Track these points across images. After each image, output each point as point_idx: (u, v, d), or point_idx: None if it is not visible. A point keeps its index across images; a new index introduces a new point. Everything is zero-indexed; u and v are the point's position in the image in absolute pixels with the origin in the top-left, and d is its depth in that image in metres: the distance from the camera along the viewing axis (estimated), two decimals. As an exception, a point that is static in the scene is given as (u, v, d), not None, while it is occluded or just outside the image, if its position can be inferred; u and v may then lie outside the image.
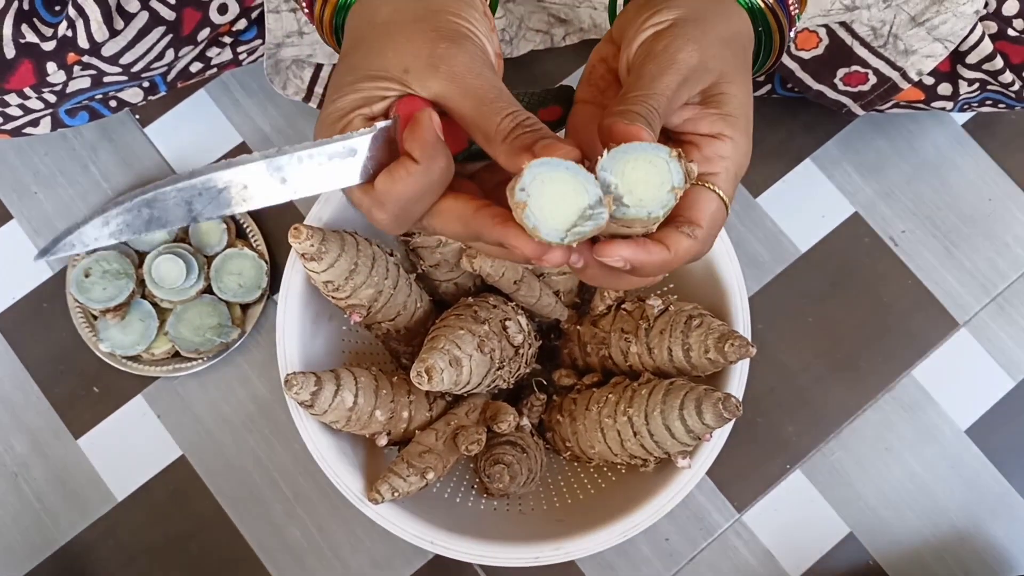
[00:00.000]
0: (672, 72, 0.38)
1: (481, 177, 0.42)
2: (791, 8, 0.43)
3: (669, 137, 0.42)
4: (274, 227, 0.77)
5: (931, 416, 0.76)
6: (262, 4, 0.63)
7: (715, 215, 0.39)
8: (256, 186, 0.37)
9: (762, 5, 0.42)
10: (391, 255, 0.64)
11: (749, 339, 0.62)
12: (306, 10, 0.43)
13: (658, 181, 0.35)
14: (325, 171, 0.38)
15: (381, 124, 0.39)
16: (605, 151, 0.35)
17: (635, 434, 0.62)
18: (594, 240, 0.37)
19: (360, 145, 0.38)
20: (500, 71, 0.41)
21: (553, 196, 0.34)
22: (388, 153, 0.39)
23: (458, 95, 0.37)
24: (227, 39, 0.65)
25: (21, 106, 0.60)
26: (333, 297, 0.62)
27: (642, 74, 0.38)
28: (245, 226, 0.76)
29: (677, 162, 0.35)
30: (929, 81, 0.67)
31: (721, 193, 0.39)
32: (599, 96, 0.44)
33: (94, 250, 0.75)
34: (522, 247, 0.36)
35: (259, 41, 0.67)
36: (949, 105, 0.69)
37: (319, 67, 0.72)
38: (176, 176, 0.36)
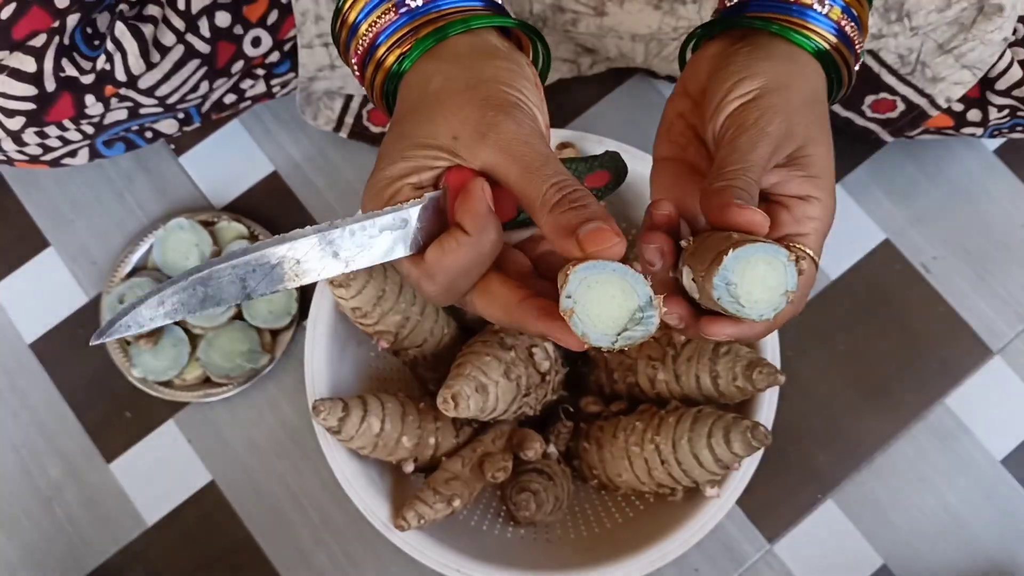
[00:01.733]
0: (764, 144, 0.39)
1: (528, 247, 0.42)
2: (855, 45, 0.43)
3: (760, 198, 0.42)
4: (304, 254, 0.78)
5: (965, 445, 0.75)
6: (295, 37, 0.64)
7: (807, 278, 0.40)
8: (309, 261, 0.37)
9: (827, 48, 0.42)
10: (419, 282, 0.64)
11: (778, 367, 0.61)
12: (357, 73, 0.44)
13: (774, 284, 0.35)
14: (377, 243, 0.38)
15: (431, 194, 0.39)
16: (723, 258, 0.35)
17: (663, 462, 0.62)
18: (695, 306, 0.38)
19: (411, 216, 0.38)
20: (549, 139, 0.41)
21: (601, 300, 0.34)
22: (437, 224, 0.39)
23: (505, 163, 0.37)
24: (260, 71, 0.66)
25: (60, 137, 0.62)
26: (361, 323, 0.63)
27: (736, 147, 0.39)
28: (276, 253, 0.77)
29: (793, 265, 0.35)
30: (959, 108, 0.66)
31: (812, 254, 0.40)
32: (681, 152, 0.45)
33: (129, 275, 0.76)
34: (569, 345, 0.36)
35: (292, 74, 0.69)
36: (979, 131, 0.68)
37: (349, 97, 0.73)
38: (231, 253, 0.36)
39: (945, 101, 0.65)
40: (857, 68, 0.45)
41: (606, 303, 0.34)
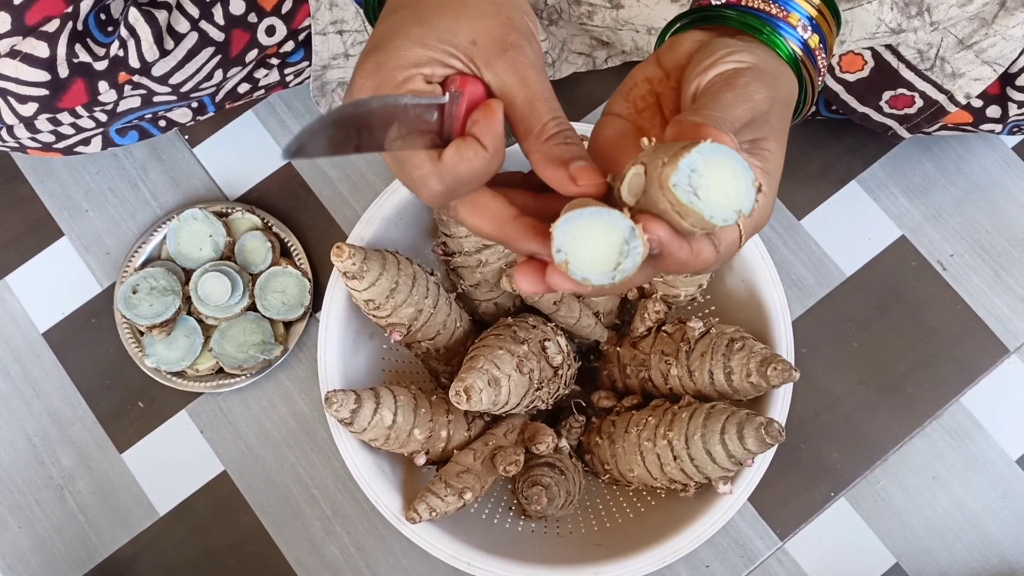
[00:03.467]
0: (747, 108, 0.39)
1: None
2: (819, 60, 0.45)
3: None
4: (317, 246, 0.78)
5: (980, 444, 0.74)
6: (309, 27, 0.64)
7: (732, 244, 0.40)
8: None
9: (798, 55, 0.44)
10: (431, 274, 0.64)
11: (792, 363, 0.61)
12: None
13: (733, 196, 0.34)
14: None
15: (452, 92, 0.39)
16: (693, 151, 0.34)
17: (675, 458, 0.61)
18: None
19: (439, 109, 0.39)
20: None
21: (588, 244, 0.35)
22: (440, 124, 0.39)
23: (516, 86, 0.39)
24: (274, 60, 0.66)
25: (73, 125, 0.62)
26: (374, 315, 0.63)
27: (718, 99, 0.39)
28: (289, 244, 0.77)
29: (755, 192, 0.35)
30: (977, 103, 0.66)
31: (743, 231, 0.40)
32: (635, 114, 0.45)
33: (142, 265, 0.76)
34: (561, 286, 0.36)
35: (306, 63, 0.68)
36: (998, 128, 0.67)
37: (363, 88, 0.73)
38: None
39: (964, 97, 0.64)
40: (819, 89, 0.46)
41: (593, 245, 0.35)
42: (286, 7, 0.62)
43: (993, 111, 0.66)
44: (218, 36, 0.60)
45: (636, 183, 0.36)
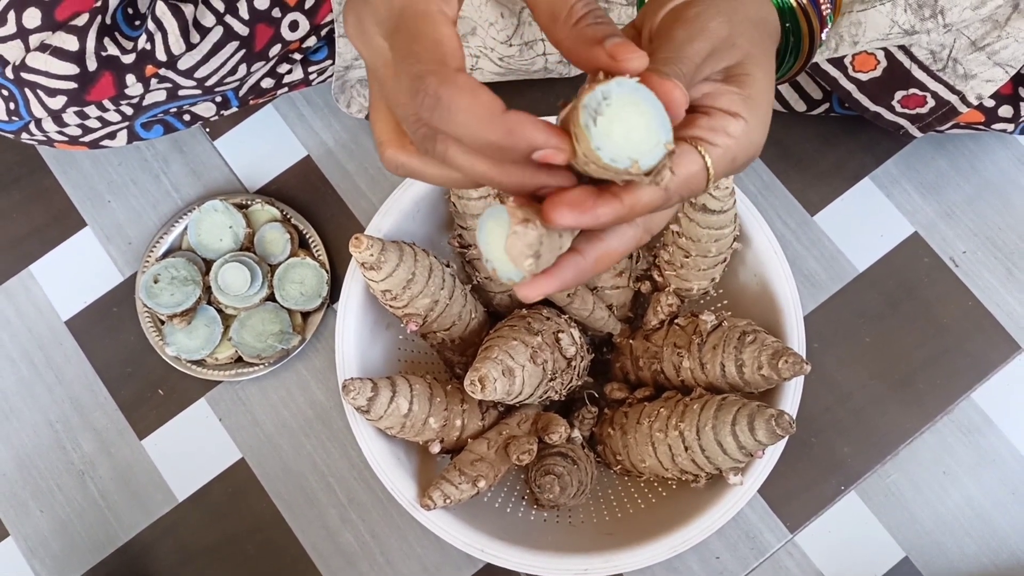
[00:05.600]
0: (702, 39, 0.36)
1: None
2: (823, 8, 0.41)
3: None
4: (335, 237, 0.79)
5: (991, 440, 0.74)
6: (331, 22, 0.65)
7: (693, 177, 0.36)
8: None
9: (793, 4, 0.41)
10: (448, 266, 0.65)
11: (804, 357, 0.61)
12: None
13: (637, 139, 0.31)
14: None
15: None
16: (613, 81, 0.31)
17: (686, 449, 0.62)
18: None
19: None
20: None
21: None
22: None
23: None
24: (297, 56, 0.67)
25: (100, 118, 0.63)
26: (391, 306, 0.63)
27: (671, 38, 0.37)
28: (307, 236, 0.78)
29: (670, 137, 0.32)
30: (990, 103, 0.66)
31: (708, 162, 0.36)
32: None
33: (164, 255, 0.77)
34: (553, 156, 0.32)
35: (329, 62, 0.69)
36: (1010, 127, 0.68)
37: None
38: None
39: (976, 98, 0.65)
40: (824, 38, 0.42)
41: (499, 246, 0.33)
42: (309, 3, 0.63)
43: (1005, 111, 0.66)
44: (243, 30, 0.61)
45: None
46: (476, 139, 0.32)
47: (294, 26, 0.63)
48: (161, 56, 0.59)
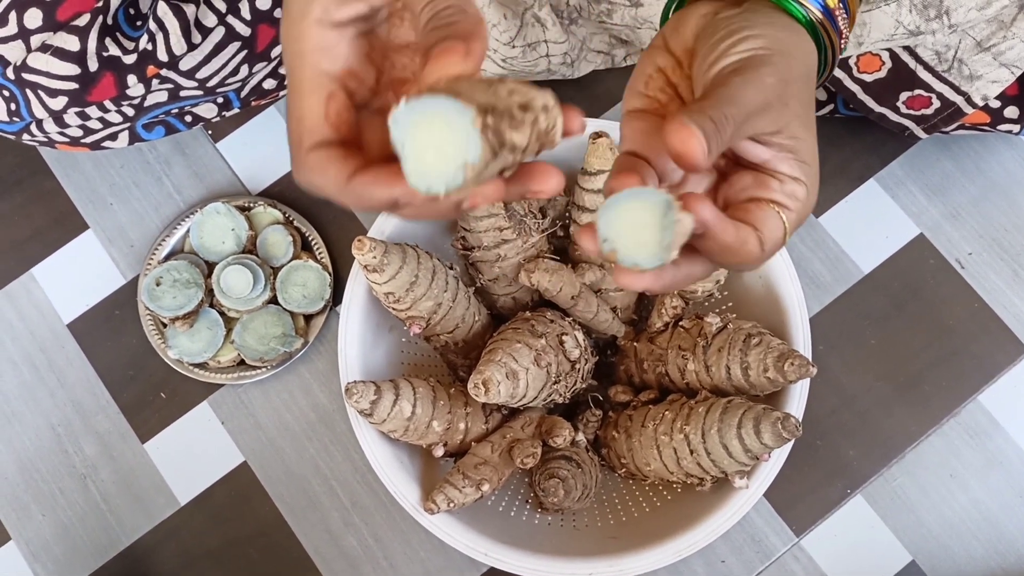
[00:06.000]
0: (757, 91, 0.36)
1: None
2: (838, 20, 0.42)
3: (752, 168, 0.40)
4: (338, 239, 0.79)
5: (998, 443, 0.74)
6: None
7: (776, 240, 0.38)
8: None
9: (817, 18, 0.41)
10: (451, 268, 0.65)
11: (809, 359, 0.61)
12: None
13: (435, 162, 0.30)
14: None
15: None
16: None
17: (691, 452, 0.62)
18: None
19: None
20: None
21: (632, 226, 0.33)
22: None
23: None
24: (298, 56, 0.67)
25: (101, 119, 0.63)
26: (394, 308, 0.63)
27: (727, 83, 0.37)
28: (310, 238, 0.78)
29: (479, 133, 0.30)
30: (995, 104, 0.66)
31: (788, 226, 0.38)
32: (657, 108, 0.42)
33: (166, 258, 0.77)
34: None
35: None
36: (1016, 128, 0.67)
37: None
38: None
39: (981, 99, 0.64)
40: (841, 54, 0.43)
41: (637, 227, 0.33)
42: (311, 3, 0.62)
43: (1011, 112, 0.66)
44: (244, 31, 0.61)
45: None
46: (340, 203, 0.34)
47: (296, 27, 0.63)
48: (163, 56, 0.59)
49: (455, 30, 0.31)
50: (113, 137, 0.67)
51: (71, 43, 0.56)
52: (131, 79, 0.59)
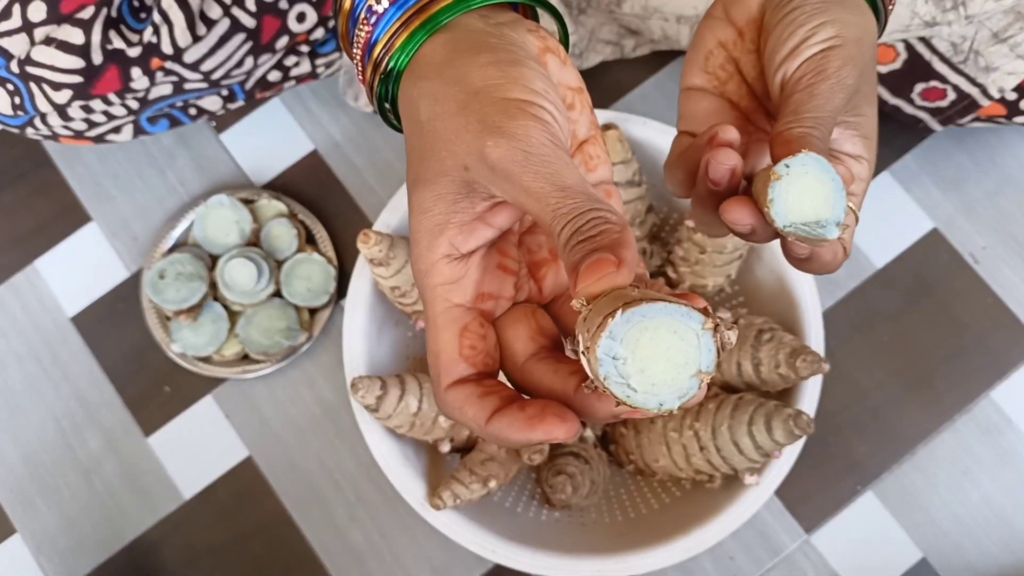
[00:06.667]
0: (842, 96, 0.37)
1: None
2: None
3: None
4: (342, 233, 0.78)
5: (1011, 439, 0.73)
6: (338, 13, 0.64)
7: (852, 234, 0.38)
8: None
9: None
10: (458, 262, 0.64)
11: (822, 355, 0.60)
12: (359, 76, 0.38)
13: (680, 360, 0.28)
14: None
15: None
16: (609, 321, 0.27)
17: (701, 449, 0.61)
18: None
19: None
20: (588, 107, 0.38)
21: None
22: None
23: (523, 198, 0.31)
24: (304, 48, 0.66)
25: (105, 112, 0.62)
26: (399, 303, 0.63)
27: (815, 94, 0.37)
28: (314, 231, 0.77)
29: (710, 336, 0.28)
30: (1012, 96, 0.65)
31: (857, 214, 0.38)
32: (720, 86, 0.42)
33: (170, 251, 0.77)
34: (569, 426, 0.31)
35: (337, 55, 0.68)
36: (1032, 120, 0.67)
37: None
38: None
39: (997, 91, 0.64)
40: (891, 9, 0.42)
41: (808, 197, 0.33)
42: (316, -7, 0.62)
43: (1028, 104, 0.65)
44: (249, 23, 0.60)
45: (585, 364, 0.29)
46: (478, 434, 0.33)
47: (301, 18, 0.62)
48: (167, 49, 0.58)
49: (600, 242, 0.29)
50: (117, 130, 0.66)
51: (75, 36, 0.55)
52: (135, 72, 0.58)
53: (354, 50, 0.37)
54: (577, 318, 0.29)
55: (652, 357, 0.27)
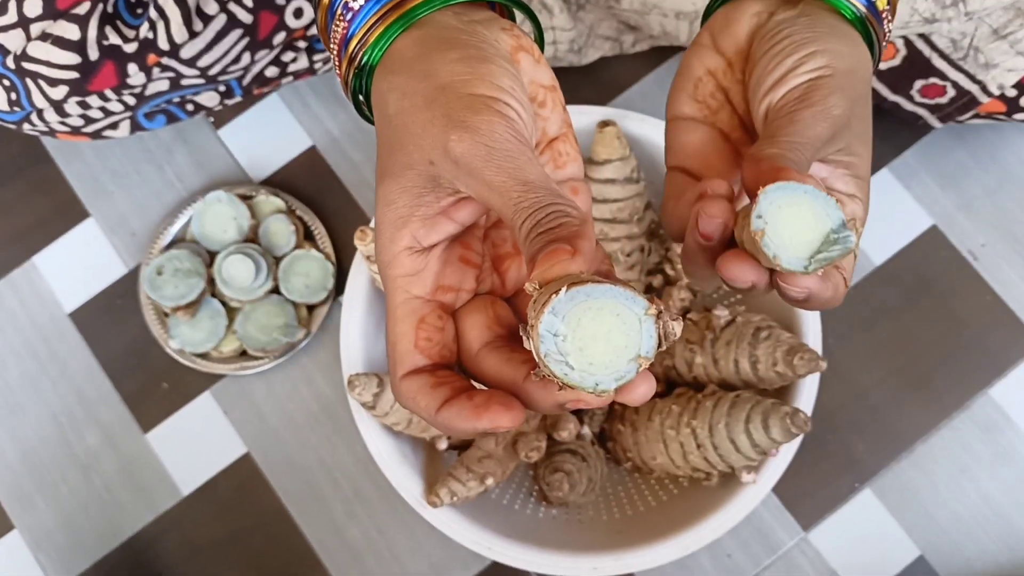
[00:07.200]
0: (827, 126, 0.35)
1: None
2: (885, 20, 0.40)
3: None
4: (341, 229, 0.78)
5: (1009, 437, 0.73)
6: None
7: (852, 268, 0.37)
8: None
9: (862, 14, 0.39)
10: (456, 259, 0.64)
11: (819, 353, 0.60)
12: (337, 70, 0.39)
13: (621, 343, 0.29)
14: None
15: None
16: (552, 299, 0.28)
17: (699, 446, 0.61)
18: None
19: None
20: (558, 105, 0.38)
21: (793, 222, 0.31)
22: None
23: (485, 192, 0.32)
24: (302, 43, 0.66)
25: (102, 108, 0.62)
26: (398, 300, 0.62)
27: (796, 119, 0.35)
28: (312, 228, 0.77)
29: (652, 322, 0.29)
30: (1012, 93, 0.65)
31: (855, 250, 0.36)
32: (709, 116, 0.40)
33: (168, 246, 0.77)
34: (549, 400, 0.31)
35: (334, 48, 0.68)
36: (1032, 118, 0.66)
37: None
38: None
39: (997, 88, 0.63)
40: (885, 44, 0.41)
41: (798, 226, 0.31)
42: (313, -11, 0.61)
43: (1028, 100, 0.65)
44: (246, 18, 0.60)
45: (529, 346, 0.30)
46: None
47: (298, 13, 0.62)
48: (163, 45, 0.58)
49: (558, 234, 0.30)
50: (114, 126, 0.66)
51: (71, 32, 0.55)
52: (132, 68, 0.58)
53: (331, 44, 0.37)
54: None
55: (592, 337, 0.28)
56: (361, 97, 0.38)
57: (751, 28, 0.39)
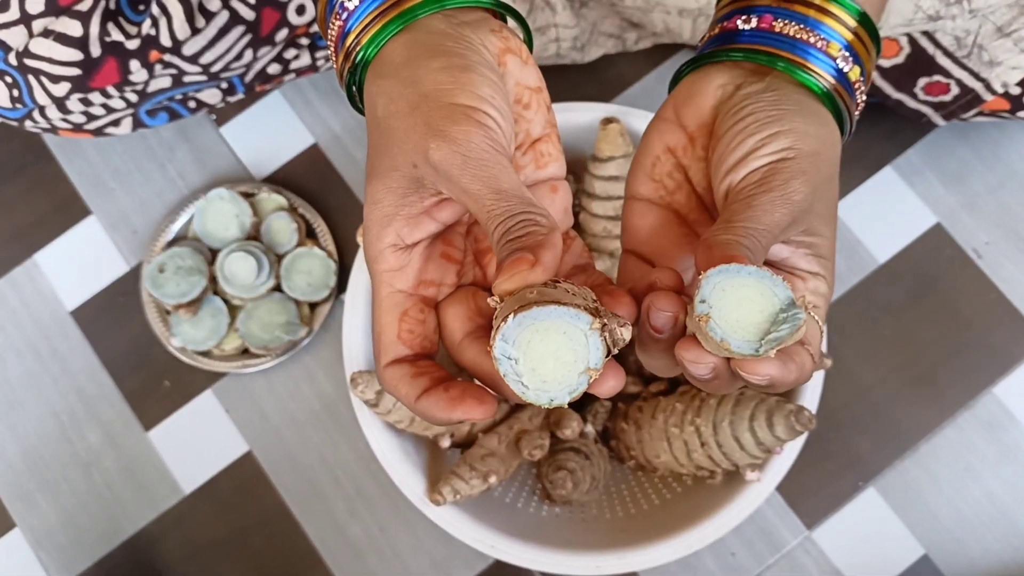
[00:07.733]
0: (786, 212, 0.34)
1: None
2: (856, 88, 0.39)
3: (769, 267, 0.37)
4: (343, 227, 0.78)
5: (1013, 435, 0.73)
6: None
7: (819, 344, 0.36)
8: None
9: (830, 85, 0.38)
10: (459, 257, 0.64)
11: (823, 351, 0.60)
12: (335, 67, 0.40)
13: (569, 358, 0.30)
14: None
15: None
16: (503, 324, 0.30)
17: (702, 444, 0.61)
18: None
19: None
20: (546, 110, 0.39)
21: (739, 303, 0.31)
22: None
23: (463, 197, 0.34)
24: (304, 40, 0.66)
25: (104, 105, 0.62)
26: (400, 297, 0.62)
27: (753, 204, 0.34)
28: (315, 225, 0.77)
29: (598, 336, 0.30)
30: (1016, 91, 0.64)
31: (821, 325, 0.36)
32: (667, 196, 0.39)
33: (169, 244, 0.76)
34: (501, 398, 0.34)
35: (336, 45, 0.68)
36: (1036, 115, 0.66)
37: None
38: None
39: (1001, 86, 0.63)
40: (857, 115, 0.40)
41: (744, 308, 0.31)
42: (316, -14, 0.61)
43: (1032, 98, 0.65)
44: (249, 15, 0.59)
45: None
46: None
47: (301, 10, 0.62)
48: (166, 41, 0.58)
49: (524, 243, 0.32)
50: (116, 123, 0.66)
51: (73, 28, 0.55)
52: (134, 64, 0.58)
53: (329, 36, 0.39)
54: None
55: (542, 357, 0.30)
56: (355, 89, 0.39)
57: (716, 101, 0.38)
